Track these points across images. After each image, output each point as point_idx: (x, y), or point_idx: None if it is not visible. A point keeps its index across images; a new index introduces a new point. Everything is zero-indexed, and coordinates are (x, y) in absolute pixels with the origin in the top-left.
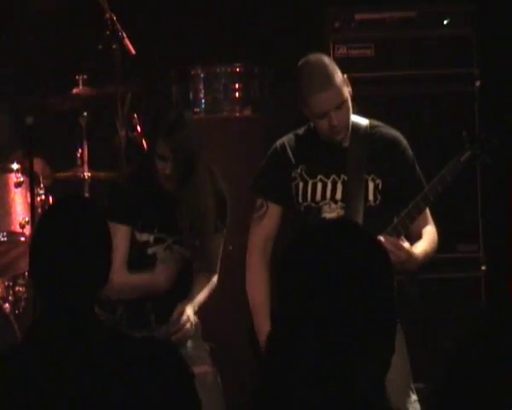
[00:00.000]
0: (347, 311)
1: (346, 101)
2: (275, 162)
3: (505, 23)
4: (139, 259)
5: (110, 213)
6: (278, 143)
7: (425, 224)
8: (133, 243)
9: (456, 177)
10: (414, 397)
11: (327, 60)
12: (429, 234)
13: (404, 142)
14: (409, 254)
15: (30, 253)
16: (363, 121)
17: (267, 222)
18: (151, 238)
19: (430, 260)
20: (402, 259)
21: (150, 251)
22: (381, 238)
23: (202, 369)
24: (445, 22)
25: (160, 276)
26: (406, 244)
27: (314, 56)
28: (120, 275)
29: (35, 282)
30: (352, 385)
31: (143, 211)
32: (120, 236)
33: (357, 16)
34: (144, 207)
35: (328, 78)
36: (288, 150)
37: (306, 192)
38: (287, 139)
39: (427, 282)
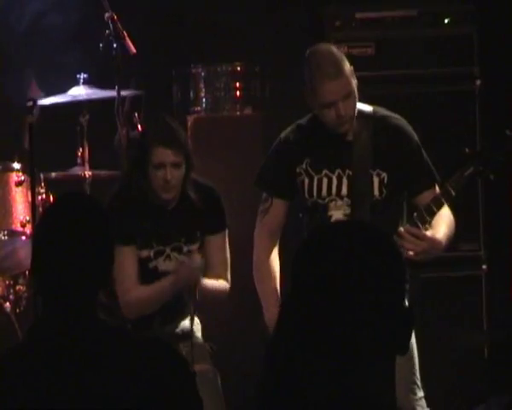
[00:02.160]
0: (358, 309)
1: (354, 91)
2: (279, 156)
3: (506, 22)
4: (142, 275)
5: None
6: (282, 135)
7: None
8: None
9: (459, 191)
10: (420, 394)
11: (335, 49)
12: (446, 216)
13: (409, 129)
14: (431, 241)
15: (32, 250)
16: (366, 109)
17: (272, 216)
18: (151, 253)
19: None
20: (424, 248)
21: (151, 265)
22: (402, 229)
23: (202, 368)
24: (446, 21)
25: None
26: (429, 233)
27: (322, 46)
28: (137, 291)
29: (36, 280)
30: (362, 384)
31: (140, 228)
32: (128, 256)
33: (358, 15)
34: (140, 225)
35: (338, 67)
36: (293, 144)
37: (312, 188)
38: (290, 131)
39: (427, 281)
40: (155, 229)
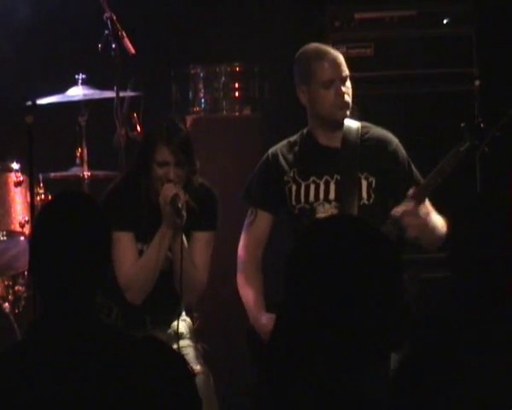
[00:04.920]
0: (354, 307)
1: (349, 79)
2: (266, 172)
3: (505, 22)
4: None
5: (114, 223)
6: (270, 151)
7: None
8: None
9: (455, 167)
10: None
11: None
12: (437, 216)
13: (395, 140)
14: (426, 215)
15: (30, 249)
16: (353, 124)
17: (256, 229)
18: (145, 247)
19: (441, 240)
20: (421, 222)
21: None
22: (393, 212)
23: (195, 369)
24: (445, 22)
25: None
26: (420, 208)
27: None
28: (135, 265)
29: (35, 279)
30: (358, 382)
31: (137, 221)
32: (127, 241)
33: (357, 15)
34: (136, 217)
35: (334, 50)
36: (281, 159)
37: (299, 194)
38: (279, 147)
39: (427, 281)
40: (151, 225)
